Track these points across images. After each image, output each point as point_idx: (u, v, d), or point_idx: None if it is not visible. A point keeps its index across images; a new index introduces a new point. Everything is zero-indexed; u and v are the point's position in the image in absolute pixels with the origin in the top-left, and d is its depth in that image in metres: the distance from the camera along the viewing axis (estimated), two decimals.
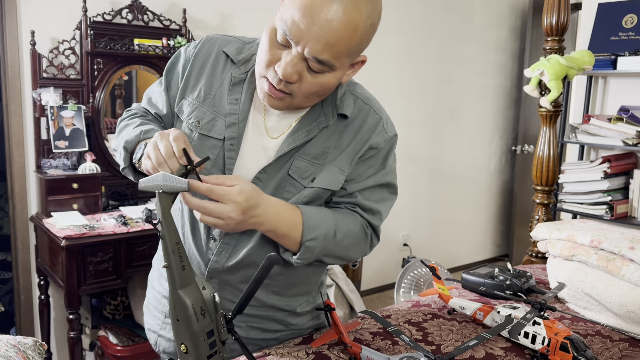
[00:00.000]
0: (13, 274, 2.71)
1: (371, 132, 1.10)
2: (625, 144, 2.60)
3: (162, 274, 1.21)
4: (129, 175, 1.11)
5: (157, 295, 1.22)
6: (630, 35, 2.78)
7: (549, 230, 1.69)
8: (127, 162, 1.08)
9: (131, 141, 1.06)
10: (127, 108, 1.22)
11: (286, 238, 1.03)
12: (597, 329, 1.38)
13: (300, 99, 1.00)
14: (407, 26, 3.90)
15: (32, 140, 2.55)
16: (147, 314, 1.27)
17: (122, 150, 1.07)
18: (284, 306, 1.18)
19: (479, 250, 4.80)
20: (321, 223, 1.05)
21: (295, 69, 0.94)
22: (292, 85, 0.97)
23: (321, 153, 1.07)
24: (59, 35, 2.56)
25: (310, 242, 1.03)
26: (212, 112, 1.07)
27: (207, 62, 1.12)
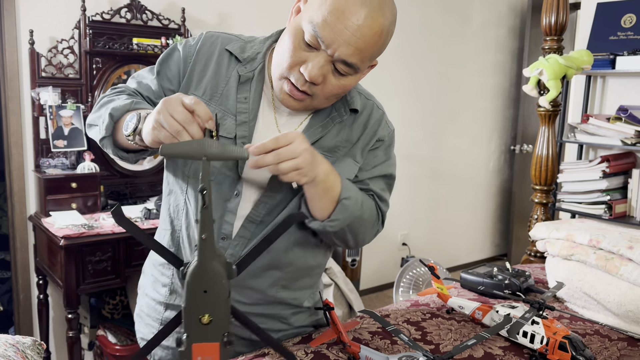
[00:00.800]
0: (12, 274, 2.71)
1: (377, 125, 1.16)
2: (624, 143, 2.61)
3: (156, 280, 1.18)
4: (107, 147, 1.05)
5: (151, 303, 1.19)
6: (629, 35, 2.78)
7: (548, 229, 1.69)
8: (109, 131, 1.02)
9: (119, 109, 1.01)
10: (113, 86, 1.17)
11: (329, 192, 1.02)
12: (596, 328, 1.38)
13: (321, 100, 1.03)
14: (406, 26, 3.90)
15: (30, 140, 2.54)
16: (139, 323, 1.24)
17: (107, 117, 1.01)
18: (291, 300, 1.18)
19: (477, 249, 4.80)
20: (353, 188, 1.08)
21: (321, 72, 0.96)
22: (315, 87, 0.99)
23: (334, 147, 1.10)
24: (58, 34, 2.56)
25: (346, 200, 1.04)
26: (220, 110, 1.07)
27: (211, 59, 1.11)
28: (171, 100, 0.87)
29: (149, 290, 1.21)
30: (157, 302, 1.18)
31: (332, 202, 1.03)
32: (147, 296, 1.21)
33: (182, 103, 0.87)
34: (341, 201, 1.03)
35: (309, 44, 0.96)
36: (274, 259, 1.11)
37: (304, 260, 1.16)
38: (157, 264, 1.19)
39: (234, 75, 1.09)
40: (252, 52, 1.11)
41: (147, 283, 1.22)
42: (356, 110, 1.13)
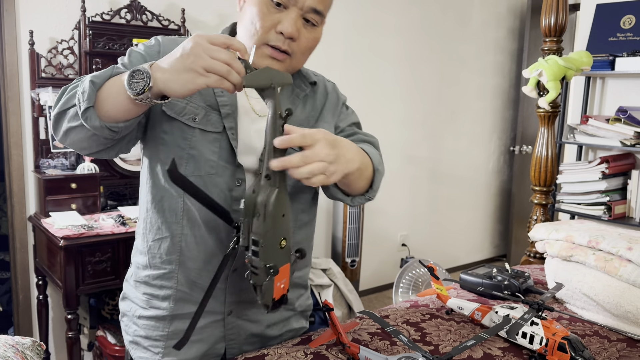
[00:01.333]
0: (11, 274, 2.71)
1: (335, 93, 1.25)
2: (623, 144, 2.61)
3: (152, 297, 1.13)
4: (92, 119, 0.93)
5: (149, 323, 1.14)
6: (628, 36, 2.78)
7: (547, 230, 1.69)
8: (93, 100, 0.93)
9: (100, 76, 0.95)
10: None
11: (367, 169, 1.06)
12: (595, 329, 1.39)
13: (298, 57, 1.08)
14: (406, 27, 3.91)
15: (30, 140, 2.55)
16: (136, 350, 1.17)
17: (88, 85, 0.93)
18: (297, 279, 1.22)
19: (477, 250, 4.81)
20: (371, 149, 1.12)
21: (297, 26, 1.03)
22: (293, 43, 1.05)
23: (305, 119, 1.17)
24: (58, 35, 2.56)
25: (380, 166, 1.10)
26: (203, 107, 1.07)
27: None
28: (202, 43, 0.85)
29: (143, 312, 1.14)
30: (159, 318, 1.13)
31: (370, 175, 1.09)
32: (141, 319, 1.15)
33: (214, 42, 0.86)
34: (377, 170, 1.09)
35: (279, 4, 1.02)
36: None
37: (307, 239, 1.22)
38: (151, 279, 1.13)
39: None
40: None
41: (137, 306, 1.16)
42: (315, 83, 1.21)
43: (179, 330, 1.12)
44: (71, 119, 0.97)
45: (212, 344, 1.13)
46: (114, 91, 0.92)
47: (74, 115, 0.96)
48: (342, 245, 3.47)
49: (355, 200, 1.12)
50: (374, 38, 3.76)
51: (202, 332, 1.12)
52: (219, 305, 1.12)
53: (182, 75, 0.85)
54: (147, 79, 0.86)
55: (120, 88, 0.90)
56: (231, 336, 1.14)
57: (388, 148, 3.93)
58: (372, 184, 1.10)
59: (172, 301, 1.11)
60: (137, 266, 1.17)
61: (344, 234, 3.45)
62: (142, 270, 1.15)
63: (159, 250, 1.11)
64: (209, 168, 1.06)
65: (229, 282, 1.10)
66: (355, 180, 1.04)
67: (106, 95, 0.93)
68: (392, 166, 3.99)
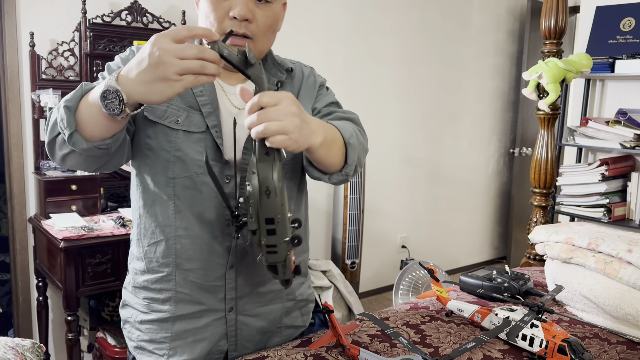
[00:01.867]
0: (11, 276, 2.71)
1: (312, 77, 1.24)
2: (623, 146, 2.61)
3: (153, 300, 1.14)
4: (79, 143, 0.93)
5: (152, 327, 1.14)
6: (628, 39, 2.79)
7: (547, 232, 1.69)
8: (73, 125, 0.91)
9: (72, 99, 0.93)
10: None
11: (335, 143, 1.01)
12: (595, 332, 1.39)
13: (261, 39, 1.07)
14: (406, 29, 3.91)
15: (30, 142, 2.55)
16: (141, 355, 1.17)
17: (64, 111, 0.91)
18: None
19: (476, 252, 4.81)
20: (342, 124, 1.09)
21: (249, 7, 1.03)
22: (251, 25, 1.04)
23: None
24: (58, 36, 2.56)
25: (351, 139, 1.04)
26: (184, 109, 1.08)
27: None
28: (166, 46, 0.80)
29: (145, 316, 1.15)
30: (161, 321, 1.14)
31: (341, 149, 1.04)
32: (143, 324, 1.16)
33: (177, 38, 0.81)
34: (348, 143, 1.04)
35: None
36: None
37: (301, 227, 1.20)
38: (150, 284, 1.14)
39: None
40: None
41: (138, 312, 1.17)
42: (290, 69, 1.20)
43: (183, 331, 1.13)
44: (61, 147, 0.97)
45: (216, 342, 1.14)
46: (94, 111, 0.90)
47: (62, 143, 0.96)
48: (342, 247, 3.47)
49: (332, 177, 1.06)
50: (374, 41, 3.77)
51: (205, 330, 1.13)
52: (219, 303, 1.13)
53: (157, 86, 0.82)
54: (119, 98, 0.84)
55: (97, 108, 0.88)
56: (233, 332, 1.15)
57: (388, 150, 3.93)
58: (346, 158, 1.05)
59: (173, 303, 1.13)
60: (134, 272, 1.18)
61: (344, 235, 3.45)
62: (140, 276, 1.16)
63: (155, 254, 1.12)
64: (196, 168, 1.07)
65: (227, 279, 1.12)
66: (324, 155, 0.99)
67: (86, 118, 0.92)
68: (392, 168, 4.00)
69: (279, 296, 1.20)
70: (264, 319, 1.18)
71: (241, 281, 1.13)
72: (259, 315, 1.18)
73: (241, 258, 1.12)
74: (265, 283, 1.17)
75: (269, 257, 0.88)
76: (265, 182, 0.84)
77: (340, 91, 3.61)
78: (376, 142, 3.79)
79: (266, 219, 0.85)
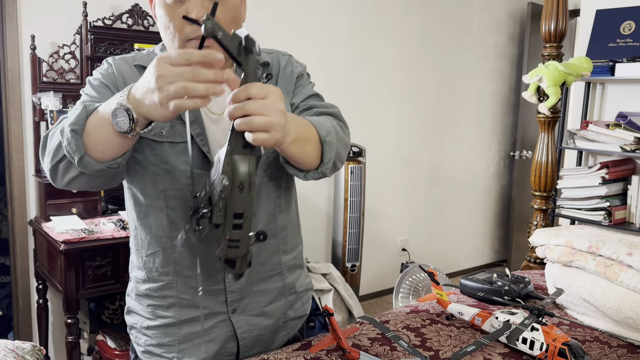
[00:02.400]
0: (11, 278, 2.71)
1: (290, 67, 1.19)
2: (623, 150, 2.61)
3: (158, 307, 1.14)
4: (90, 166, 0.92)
5: (158, 332, 1.15)
6: (628, 42, 2.79)
7: (547, 236, 1.69)
8: (82, 149, 0.90)
9: (77, 122, 0.90)
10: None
11: (309, 142, 0.99)
12: (595, 335, 1.39)
13: None
14: (406, 32, 3.92)
15: (31, 144, 2.55)
16: (150, 359, 1.18)
17: (71, 135, 0.89)
18: (291, 260, 1.22)
19: (477, 255, 4.80)
20: (321, 120, 1.06)
21: (205, 7, 0.99)
22: None
23: None
24: (59, 39, 2.57)
25: (327, 137, 1.02)
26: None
27: (131, 76, 1.10)
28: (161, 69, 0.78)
29: (150, 322, 1.16)
30: (167, 326, 1.14)
31: (316, 147, 1.02)
32: (149, 329, 1.17)
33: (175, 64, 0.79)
34: (324, 141, 1.02)
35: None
36: (266, 228, 1.14)
37: (291, 221, 1.21)
38: (152, 292, 1.15)
39: None
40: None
41: (143, 318, 1.18)
42: (266, 63, 1.15)
43: (189, 334, 1.14)
44: (67, 170, 0.96)
45: (223, 343, 1.15)
46: (104, 131, 0.89)
47: (68, 167, 0.95)
48: (342, 250, 3.46)
49: (308, 175, 1.05)
50: (374, 43, 3.77)
51: (211, 332, 1.14)
52: (221, 306, 1.13)
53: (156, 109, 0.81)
54: (130, 116, 0.84)
55: (107, 127, 0.88)
56: (243, 335, 1.16)
57: (388, 153, 3.93)
58: (322, 156, 1.03)
59: (177, 308, 1.14)
60: (136, 281, 1.19)
61: (344, 238, 3.45)
62: (142, 284, 1.17)
63: (154, 264, 1.13)
64: (185, 179, 1.07)
65: (227, 282, 1.12)
66: (297, 153, 0.97)
67: (95, 139, 0.90)
68: (392, 171, 4.00)
69: (282, 292, 1.21)
70: (270, 317, 1.19)
71: (242, 282, 1.13)
72: (265, 314, 1.18)
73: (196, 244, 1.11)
74: (267, 281, 1.18)
75: (230, 252, 0.85)
76: (240, 176, 0.81)
77: (340, 94, 3.64)
78: (376, 145, 3.79)
79: (235, 214, 0.83)
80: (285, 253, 1.20)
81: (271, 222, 1.15)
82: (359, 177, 3.39)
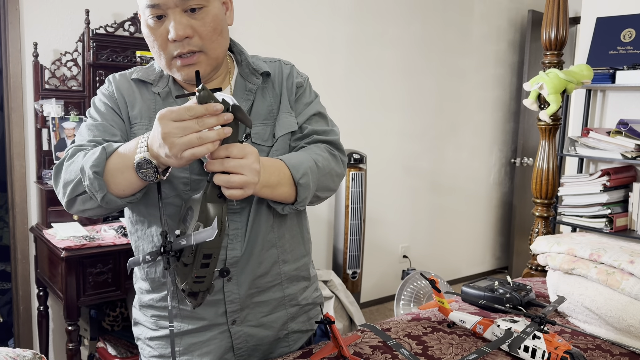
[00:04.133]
0: (12, 285, 2.70)
1: (292, 77, 1.21)
2: (624, 157, 2.61)
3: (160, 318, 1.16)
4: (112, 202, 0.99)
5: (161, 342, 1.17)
6: (628, 50, 2.80)
7: (549, 243, 1.69)
8: (105, 189, 0.97)
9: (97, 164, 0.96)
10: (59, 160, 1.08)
11: (280, 186, 1.04)
12: (597, 343, 1.38)
13: (209, 46, 1.05)
14: (407, 40, 3.93)
15: (33, 151, 2.56)
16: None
17: (94, 177, 0.96)
18: (294, 272, 1.21)
19: (478, 262, 4.79)
20: (301, 160, 1.09)
21: (183, 24, 1.00)
22: (193, 39, 1.02)
23: (268, 112, 1.16)
24: (62, 47, 2.58)
25: (302, 179, 1.07)
26: None
27: (130, 91, 1.13)
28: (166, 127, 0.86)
29: (153, 333, 1.19)
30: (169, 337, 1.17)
31: (289, 191, 1.07)
32: (152, 340, 1.19)
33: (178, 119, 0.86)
34: (298, 183, 1.06)
35: (158, 17, 1.01)
36: (267, 239, 1.14)
37: (290, 229, 1.20)
38: (155, 302, 1.17)
39: (154, 97, 1.13)
40: (156, 73, 1.15)
41: (147, 329, 1.20)
42: (266, 73, 1.18)
43: (190, 345, 1.14)
44: (85, 203, 1.01)
45: (221, 355, 1.15)
46: (127, 176, 0.96)
47: (87, 200, 1.01)
48: (343, 257, 3.46)
49: (285, 209, 1.11)
50: (375, 51, 3.78)
51: (209, 344, 1.14)
52: (221, 317, 1.13)
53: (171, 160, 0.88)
54: (154, 168, 0.92)
55: (131, 173, 0.95)
56: (239, 345, 1.15)
57: (389, 160, 3.94)
58: (296, 196, 1.08)
59: (179, 319, 1.15)
60: (140, 292, 1.21)
61: (345, 245, 3.45)
62: (145, 295, 1.19)
63: (156, 274, 1.14)
64: (182, 186, 1.08)
65: (225, 292, 1.12)
66: (268, 196, 1.04)
67: (118, 181, 0.97)
68: (393, 178, 4.00)
69: (282, 303, 1.20)
70: (269, 328, 1.19)
71: (242, 293, 1.13)
72: (263, 325, 1.18)
73: (238, 269, 1.12)
74: (267, 292, 1.17)
75: (195, 286, 0.92)
76: (216, 219, 0.88)
77: (341, 101, 3.65)
78: (377, 152, 3.80)
79: (204, 254, 0.90)
80: (286, 263, 1.19)
81: (269, 232, 1.15)
82: (360, 184, 3.39)
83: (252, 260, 1.13)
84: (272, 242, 1.16)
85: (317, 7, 3.47)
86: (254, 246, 1.13)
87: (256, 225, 1.12)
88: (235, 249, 1.11)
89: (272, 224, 1.15)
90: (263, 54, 1.29)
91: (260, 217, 1.13)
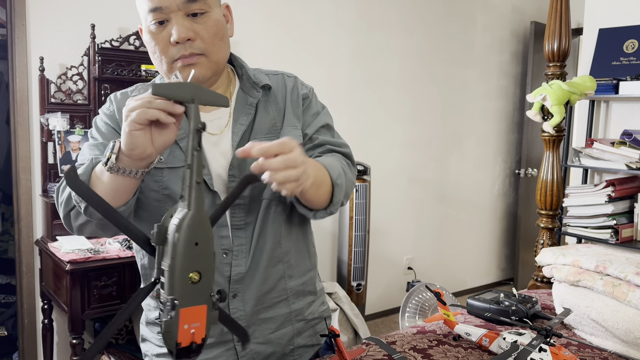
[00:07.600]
0: (17, 298, 2.70)
1: (296, 89, 1.20)
2: (628, 167, 2.61)
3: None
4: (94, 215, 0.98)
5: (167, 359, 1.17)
6: (631, 60, 2.80)
7: (554, 255, 1.68)
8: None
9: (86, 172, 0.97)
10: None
11: (323, 184, 1.03)
12: (604, 356, 1.37)
13: (211, 50, 1.05)
14: (410, 52, 3.95)
15: (38, 165, 2.57)
16: None
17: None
18: (300, 287, 1.20)
19: (483, 274, 4.77)
20: (332, 162, 1.09)
21: (186, 27, 1.01)
22: (195, 42, 1.03)
23: (271, 126, 1.15)
24: (67, 61, 2.60)
25: (338, 179, 1.06)
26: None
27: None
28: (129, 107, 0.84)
29: (160, 350, 1.19)
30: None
31: (328, 189, 1.05)
32: (159, 357, 1.18)
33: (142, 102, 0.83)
34: (335, 183, 1.05)
35: (160, 23, 1.02)
36: (273, 255, 1.14)
37: (297, 244, 1.19)
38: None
39: None
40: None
41: (154, 346, 1.20)
42: (267, 86, 1.17)
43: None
44: (77, 218, 1.02)
45: None
46: (104, 179, 0.93)
47: (77, 215, 1.01)
48: (347, 269, 3.45)
49: (317, 214, 1.09)
50: (378, 63, 3.80)
51: None
52: (227, 335, 1.12)
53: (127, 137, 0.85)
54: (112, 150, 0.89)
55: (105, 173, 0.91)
56: None
57: (393, 171, 3.94)
58: (332, 197, 1.06)
59: None
60: (147, 309, 1.21)
61: (350, 257, 3.44)
62: (152, 312, 1.18)
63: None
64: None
65: (231, 309, 1.11)
66: (313, 196, 1.02)
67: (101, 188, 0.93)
68: (397, 189, 4.00)
69: (288, 319, 1.19)
70: (276, 345, 1.18)
71: (247, 310, 1.12)
72: (270, 342, 1.17)
73: (243, 286, 1.11)
74: (273, 308, 1.16)
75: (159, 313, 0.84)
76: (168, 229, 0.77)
77: (345, 113, 3.66)
78: (381, 163, 3.80)
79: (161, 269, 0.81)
80: (292, 278, 1.19)
81: (276, 247, 1.14)
82: (364, 195, 3.39)
83: (258, 277, 1.12)
84: (278, 257, 1.15)
85: (320, 21, 3.50)
86: (259, 262, 1.12)
87: (262, 241, 1.12)
88: (240, 265, 1.10)
89: (279, 240, 1.14)
90: (267, 67, 1.29)
91: (265, 232, 1.12)
